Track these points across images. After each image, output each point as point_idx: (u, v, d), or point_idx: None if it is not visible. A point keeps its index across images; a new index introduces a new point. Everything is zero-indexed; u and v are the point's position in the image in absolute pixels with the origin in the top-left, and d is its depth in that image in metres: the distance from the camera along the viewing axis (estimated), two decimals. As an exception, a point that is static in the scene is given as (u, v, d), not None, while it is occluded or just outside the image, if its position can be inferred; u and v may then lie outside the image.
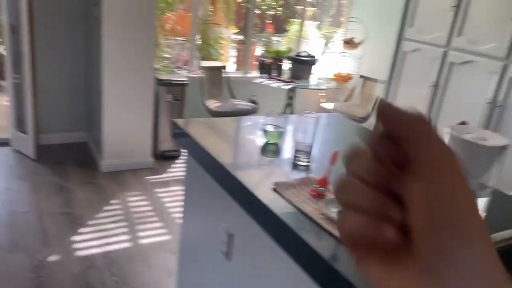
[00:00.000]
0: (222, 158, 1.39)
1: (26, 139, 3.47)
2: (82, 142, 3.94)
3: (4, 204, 2.86)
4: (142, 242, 2.63)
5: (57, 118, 3.82)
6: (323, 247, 1.01)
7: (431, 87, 3.76)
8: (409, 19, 3.97)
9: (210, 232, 1.61)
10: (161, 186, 3.33)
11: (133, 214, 2.91)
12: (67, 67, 3.74)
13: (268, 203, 1.16)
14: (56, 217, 2.78)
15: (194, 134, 1.55)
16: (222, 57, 6.23)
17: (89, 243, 2.56)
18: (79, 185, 3.20)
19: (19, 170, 3.34)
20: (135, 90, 3.38)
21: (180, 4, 5.44)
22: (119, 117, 3.38)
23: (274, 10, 10.21)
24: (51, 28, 3.56)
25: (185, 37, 5.36)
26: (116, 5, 3.12)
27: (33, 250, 2.44)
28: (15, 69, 3.45)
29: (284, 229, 1.09)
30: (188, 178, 1.78)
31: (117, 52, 3.22)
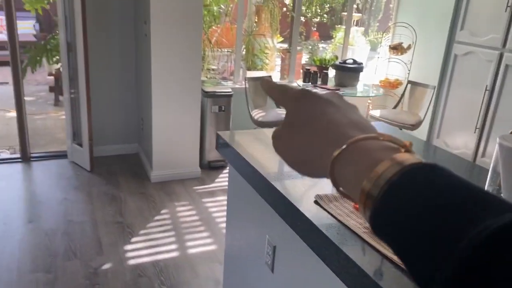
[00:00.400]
0: (263, 169, 1.40)
1: (82, 151, 3.65)
2: (134, 153, 4.09)
3: (62, 214, 3.01)
4: (190, 251, 2.68)
5: (111, 130, 3.99)
6: (367, 262, 0.99)
7: (486, 91, 3.59)
8: (460, 22, 3.82)
9: (254, 243, 1.61)
10: (208, 196, 3.39)
11: (181, 224, 2.98)
12: (119, 82, 3.91)
13: (309, 215, 1.15)
14: (110, 226, 2.90)
15: (235, 145, 1.57)
16: (267, 67, 6.27)
17: (139, 252, 2.64)
18: (130, 195, 3.32)
19: (75, 181, 3.51)
20: (182, 103, 3.48)
21: (226, 17, 5.54)
22: (167, 129, 3.48)
23: (319, 17, 10.17)
24: (104, 45, 3.75)
25: (230, 49, 5.45)
26: (164, 22, 3.23)
27: (88, 258, 2.55)
28: (72, 84, 3.65)
29: (326, 243, 1.07)
30: (231, 188, 1.80)
31: (165, 66, 3.33)
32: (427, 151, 2.00)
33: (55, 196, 3.25)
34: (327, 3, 9.79)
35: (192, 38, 3.36)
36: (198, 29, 3.38)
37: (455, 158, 1.81)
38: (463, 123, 3.84)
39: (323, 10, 9.96)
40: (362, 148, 0.37)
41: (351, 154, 0.37)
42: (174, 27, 3.27)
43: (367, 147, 0.37)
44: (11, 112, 4.81)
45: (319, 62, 4.26)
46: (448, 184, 0.32)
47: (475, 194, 0.30)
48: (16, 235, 2.72)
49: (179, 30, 3.30)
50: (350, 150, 0.38)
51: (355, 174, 0.36)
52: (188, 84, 3.45)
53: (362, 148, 0.37)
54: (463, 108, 3.85)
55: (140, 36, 3.61)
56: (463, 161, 1.86)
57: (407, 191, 0.32)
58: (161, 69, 3.33)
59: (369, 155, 0.36)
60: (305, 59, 7.15)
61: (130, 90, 3.97)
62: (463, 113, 3.84)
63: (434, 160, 1.80)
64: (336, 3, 9.76)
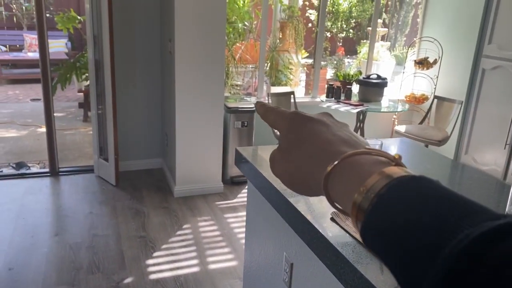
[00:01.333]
0: (280, 185, 1.39)
1: (108, 166, 3.73)
2: (158, 168, 4.15)
3: (87, 227, 3.07)
4: (211, 267, 2.67)
5: (136, 146, 4.07)
6: (382, 281, 0.96)
7: (516, 106, 3.48)
8: (487, 35, 3.74)
9: (272, 260, 1.60)
10: (230, 212, 3.39)
11: (202, 239, 2.98)
12: (145, 98, 4.00)
13: (324, 233, 1.13)
14: (132, 240, 2.93)
15: (253, 161, 1.57)
16: (291, 82, 6.28)
17: (161, 266, 2.65)
18: (153, 209, 3.35)
19: (101, 195, 3.58)
20: (205, 119, 3.52)
21: (250, 34, 5.60)
22: (190, 144, 3.52)
23: (345, 32, 10.16)
24: (130, 62, 3.85)
25: (255, 65, 5.49)
26: (188, 40, 3.29)
27: (111, 272, 2.58)
28: (99, 101, 3.75)
29: (341, 261, 1.05)
30: (250, 205, 1.80)
31: (188, 83, 3.39)
32: (455, 169, 1.94)
33: (81, 210, 3.32)
34: (353, 18, 9.77)
35: (215, 55, 3.42)
36: (222, 46, 3.43)
37: (483, 176, 1.76)
38: (493, 139, 3.73)
39: (349, 25, 9.94)
40: (353, 163, 0.39)
41: (343, 169, 0.39)
42: (198, 44, 3.34)
43: (358, 162, 0.39)
44: (42, 128, 4.97)
45: (343, 77, 4.24)
46: (433, 196, 0.33)
47: (459, 204, 0.32)
48: (43, 248, 2.79)
49: (203, 47, 3.36)
50: (342, 166, 0.39)
51: (347, 188, 0.38)
52: (211, 100, 3.49)
53: (353, 163, 0.39)
54: (492, 124, 3.74)
55: (165, 54, 3.69)
56: (491, 178, 1.80)
57: (394, 203, 0.34)
58: (185, 86, 3.38)
59: (360, 169, 0.38)
60: (330, 74, 7.13)
61: (155, 106, 4.05)
62: (492, 129, 3.74)
63: (462, 179, 1.75)
64: (362, 18, 9.73)
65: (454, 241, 0.29)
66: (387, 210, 0.34)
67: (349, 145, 0.41)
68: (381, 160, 0.38)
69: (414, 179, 0.35)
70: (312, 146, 0.43)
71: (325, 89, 4.40)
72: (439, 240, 0.29)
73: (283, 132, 0.47)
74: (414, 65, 4.56)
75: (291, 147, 0.45)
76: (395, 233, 0.32)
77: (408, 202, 0.33)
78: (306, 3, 8.72)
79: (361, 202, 0.35)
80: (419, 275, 0.30)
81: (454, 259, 0.28)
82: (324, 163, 0.40)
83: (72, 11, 5.54)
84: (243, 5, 5.32)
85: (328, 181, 0.40)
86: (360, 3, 9.54)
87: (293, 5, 6.72)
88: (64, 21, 5.22)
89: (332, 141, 0.42)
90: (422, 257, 0.30)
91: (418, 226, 0.31)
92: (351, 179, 0.38)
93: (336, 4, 9.34)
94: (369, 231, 0.35)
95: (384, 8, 9.43)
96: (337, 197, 0.40)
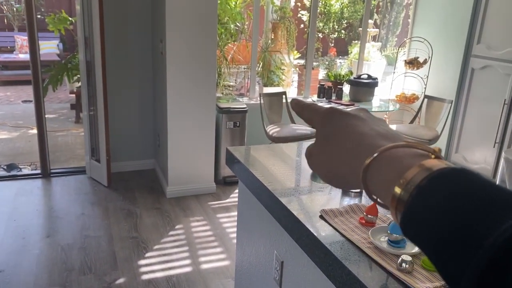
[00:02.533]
0: (270, 185, 1.41)
1: (100, 167, 3.72)
2: (150, 169, 4.15)
3: (79, 229, 3.06)
4: (203, 267, 2.68)
5: (128, 147, 4.06)
6: (370, 277, 0.98)
7: (504, 105, 3.53)
8: (476, 36, 3.79)
9: (263, 258, 1.61)
10: (223, 212, 3.40)
11: (195, 239, 2.99)
12: (136, 99, 3.99)
13: (313, 230, 1.14)
14: (125, 241, 2.93)
15: (244, 161, 1.58)
16: (284, 83, 6.31)
17: (153, 267, 2.65)
18: (146, 210, 3.35)
19: (93, 196, 3.57)
20: (197, 119, 3.52)
21: (242, 35, 5.62)
22: (182, 145, 3.53)
23: (337, 33, 10.21)
24: (122, 63, 3.84)
25: (247, 65, 5.51)
26: (179, 40, 3.30)
27: (103, 272, 2.58)
28: (90, 102, 3.74)
29: (329, 258, 1.07)
30: (241, 204, 1.81)
31: (180, 84, 3.39)
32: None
33: (73, 211, 3.31)
34: (345, 19, 9.82)
35: (207, 55, 3.42)
36: (213, 47, 3.44)
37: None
38: (482, 137, 3.77)
39: (340, 26, 9.99)
40: (391, 156, 0.39)
41: (381, 162, 0.40)
42: (189, 45, 3.34)
43: (396, 154, 0.39)
44: (33, 129, 4.95)
45: (334, 78, 4.27)
46: (475, 187, 0.33)
47: (503, 195, 0.32)
48: (34, 250, 2.78)
49: (194, 48, 3.36)
50: (380, 159, 0.40)
51: (386, 180, 0.38)
52: (203, 101, 3.50)
53: (391, 156, 0.39)
54: (482, 122, 3.78)
55: (157, 55, 3.69)
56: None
57: (435, 194, 0.34)
58: (177, 86, 3.39)
59: (398, 162, 0.38)
60: (322, 74, 7.16)
61: (147, 107, 4.05)
62: (482, 127, 3.78)
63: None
64: (353, 19, 9.78)
65: (497, 231, 0.29)
66: (428, 201, 0.34)
67: (387, 139, 0.42)
68: (420, 153, 0.39)
69: (455, 171, 0.35)
70: (349, 140, 0.43)
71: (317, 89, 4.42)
72: (482, 230, 0.30)
73: (319, 128, 0.47)
74: (404, 65, 4.59)
75: (328, 141, 0.46)
76: (436, 223, 0.33)
77: (450, 193, 0.33)
78: (298, 4, 8.75)
79: (401, 194, 0.36)
80: (461, 264, 0.30)
81: (497, 249, 0.28)
82: (362, 157, 0.41)
83: (63, 12, 5.52)
84: (235, 6, 5.33)
85: (367, 174, 0.40)
86: (351, 4, 9.59)
87: (284, 6, 6.75)
88: (55, 23, 5.20)
89: (369, 135, 0.43)
90: (464, 247, 0.30)
91: (460, 216, 0.32)
92: (390, 172, 0.38)
93: (328, 5, 9.38)
94: (410, 221, 0.36)
95: (375, 9, 9.49)
96: (376, 190, 0.40)
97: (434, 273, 0.97)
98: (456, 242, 0.31)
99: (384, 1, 9.68)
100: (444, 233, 0.32)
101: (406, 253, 1.01)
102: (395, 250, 1.04)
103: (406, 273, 0.96)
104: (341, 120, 0.46)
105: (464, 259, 0.30)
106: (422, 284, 0.92)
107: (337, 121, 0.46)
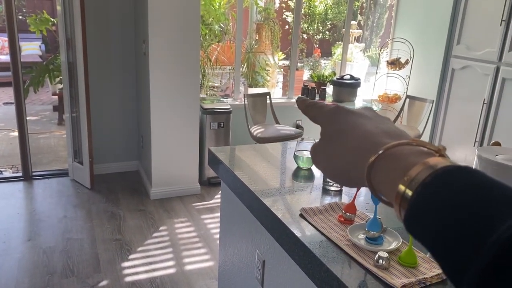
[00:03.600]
0: (251, 185, 1.41)
1: (82, 169, 3.69)
2: (134, 170, 4.12)
3: (61, 231, 3.03)
4: (187, 268, 2.67)
5: (111, 148, 4.03)
6: (347, 274, 0.99)
7: (484, 104, 3.60)
8: (456, 36, 3.85)
9: (245, 258, 1.62)
10: (207, 213, 3.39)
11: (179, 240, 2.98)
12: (119, 100, 3.96)
13: (293, 228, 1.15)
14: (108, 243, 2.90)
15: (225, 161, 1.58)
16: (268, 83, 6.33)
17: (136, 268, 2.64)
18: (129, 212, 3.33)
19: (75, 198, 3.54)
20: (181, 120, 3.51)
21: (226, 35, 5.62)
22: (166, 146, 3.51)
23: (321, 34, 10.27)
24: (104, 65, 3.81)
25: (232, 66, 5.51)
26: (162, 41, 3.29)
27: (86, 275, 2.55)
28: (73, 103, 3.70)
29: (308, 255, 1.08)
30: (224, 204, 1.81)
31: (163, 84, 3.38)
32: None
33: (55, 214, 3.27)
34: (329, 20, 9.89)
35: (190, 56, 3.42)
36: (196, 47, 3.43)
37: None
38: (463, 136, 3.84)
39: (325, 27, 10.06)
40: (396, 153, 0.40)
41: (386, 160, 0.40)
42: (172, 45, 3.33)
43: (401, 152, 0.40)
44: (15, 132, 4.87)
45: (317, 78, 4.30)
46: (480, 184, 0.33)
47: (507, 193, 0.32)
48: (15, 254, 2.74)
49: (177, 48, 3.36)
50: (385, 156, 0.40)
51: (390, 178, 0.39)
52: (186, 101, 3.49)
53: (396, 153, 0.40)
54: (462, 122, 3.85)
55: (140, 55, 3.67)
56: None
57: (440, 191, 0.34)
58: (160, 87, 3.38)
59: (403, 160, 0.39)
60: (307, 75, 7.21)
61: (130, 108, 4.02)
62: (462, 127, 3.85)
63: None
64: (337, 20, 9.86)
65: (501, 228, 0.29)
66: (432, 198, 0.34)
67: (391, 137, 0.42)
68: (424, 151, 0.39)
69: (459, 169, 0.35)
70: (354, 137, 0.44)
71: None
72: (486, 227, 0.30)
73: (325, 125, 0.48)
74: (386, 65, 4.65)
75: (333, 139, 0.46)
76: (440, 220, 0.33)
77: (454, 190, 0.33)
78: (283, 5, 8.78)
79: (405, 191, 0.36)
80: (464, 261, 0.30)
81: (500, 246, 0.28)
82: (367, 154, 0.41)
83: (45, 13, 5.45)
84: (219, 7, 5.33)
85: (371, 172, 0.41)
86: (335, 5, 9.66)
87: (269, 7, 6.77)
88: (37, 23, 5.13)
89: (374, 133, 0.43)
90: (467, 244, 0.30)
91: (464, 213, 0.32)
92: (395, 169, 0.39)
93: (312, 6, 9.43)
94: (413, 218, 0.36)
95: (359, 10, 9.58)
96: (380, 187, 0.41)
97: (410, 269, 0.98)
98: (459, 239, 0.31)
99: (368, 2, 9.78)
100: (448, 230, 0.32)
101: (383, 250, 1.03)
102: (372, 247, 1.06)
103: (383, 269, 0.98)
104: (346, 118, 0.46)
105: (467, 256, 0.30)
106: (398, 279, 0.94)
107: (342, 119, 0.46)
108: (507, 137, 3.39)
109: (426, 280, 0.93)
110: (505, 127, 3.46)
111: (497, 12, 3.44)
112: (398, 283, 0.92)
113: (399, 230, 1.14)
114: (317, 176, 1.54)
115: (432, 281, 0.94)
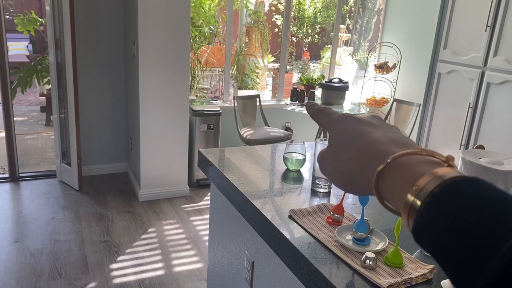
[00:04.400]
0: (241, 186, 1.43)
1: (70, 170, 3.66)
2: (123, 172, 4.11)
3: (48, 233, 3.00)
4: (176, 270, 2.67)
5: (100, 150, 4.01)
6: (335, 274, 1.01)
7: (469, 108, 3.66)
8: (443, 41, 3.92)
9: (234, 259, 1.63)
10: (196, 214, 3.40)
11: (167, 242, 2.98)
12: (108, 101, 3.95)
13: (282, 230, 1.17)
14: (96, 245, 2.89)
15: (215, 163, 1.60)
16: (258, 86, 6.35)
17: (125, 270, 2.63)
18: (118, 214, 3.32)
19: (63, 200, 3.51)
20: (170, 122, 3.51)
21: (216, 38, 5.63)
22: (155, 148, 3.51)
23: (311, 37, 10.34)
24: (93, 65, 3.80)
25: (221, 68, 5.52)
26: (151, 43, 3.29)
27: (73, 277, 2.54)
28: (61, 104, 3.68)
29: (297, 256, 1.10)
30: (213, 206, 1.82)
31: (152, 86, 3.38)
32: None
33: (43, 215, 3.25)
34: (318, 24, 9.95)
35: (180, 58, 3.42)
36: (186, 49, 3.44)
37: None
38: (449, 140, 3.90)
39: (314, 30, 10.12)
40: (404, 162, 0.40)
41: (394, 169, 0.40)
42: (161, 47, 3.34)
43: (409, 161, 0.39)
44: (1, 133, 4.82)
45: (306, 81, 4.33)
46: (489, 196, 0.33)
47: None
48: (1, 256, 2.71)
49: (167, 50, 3.36)
50: (393, 165, 0.40)
51: (399, 187, 0.39)
52: (176, 103, 3.49)
53: (404, 162, 0.40)
54: (448, 125, 3.91)
55: (129, 57, 3.66)
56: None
57: (449, 202, 0.34)
58: (149, 88, 3.37)
59: (411, 169, 0.39)
60: (296, 78, 7.24)
61: (119, 109, 4.01)
62: (448, 130, 3.91)
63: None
64: (326, 24, 9.93)
65: (509, 241, 0.29)
66: (441, 209, 0.34)
67: (399, 146, 0.42)
68: (433, 160, 0.39)
69: (468, 180, 0.35)
70: (362, 146, 0.44)
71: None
72: (495, 239, 0.30)
73: (333, 132, 0.48)
74: (374, 69, 4.70)
75: (341, 147, 0.46)
76: (448, 231, 0.33)
77: (463, 201, 0.33)
78: (272, 9, 8.82)
79: (414, 201, 0.36)
80: (473, 273, 0.30)
81: (510, 258, 0.28)
82: (374, 163, 0.41)
83: (33, 13, 5.41)
84: (209, 9, 5.34)
85: (379, 181, 0.40)
86: (324, 9, 9.74)
87: (258, 10, 6.80)
88: (25, 23, 5.09)
89: (382, 141, 0.43)
90: (476, 256, 0.30)
91: (473, 225, 0.31)
92: (403, 179, 0.38)
93: (301, 9, 9.49)
94: (422, 229, 0.36)
95: (348, 14, 9.66)
96: (388, 196, 0.40)
97: (396, 269, 1.01)
98: (468, 251, 0.31)
99: (356, 7, 9.87)
100: (456, 242, 0.32)
101: (370, 250, 1.05)
102: (359, 247, 1.08)
103: (369, 269, 1.00)
104: (353, 126, 0.46)
105: (475, 269, 0.30)
106: (384, 279, 0.96)
107: (350, 127, 0.46)
108: (492, 140, 3.45)
109: (411, 280, 0.96)
110: (490, 130, 3.53)
111: (483, 18, 3.51)
112: (385, 283, 0.94)
113: (385, 231, 1.16)
114: (306, 178, 1.56)
115: (418, 281, 0.97)
